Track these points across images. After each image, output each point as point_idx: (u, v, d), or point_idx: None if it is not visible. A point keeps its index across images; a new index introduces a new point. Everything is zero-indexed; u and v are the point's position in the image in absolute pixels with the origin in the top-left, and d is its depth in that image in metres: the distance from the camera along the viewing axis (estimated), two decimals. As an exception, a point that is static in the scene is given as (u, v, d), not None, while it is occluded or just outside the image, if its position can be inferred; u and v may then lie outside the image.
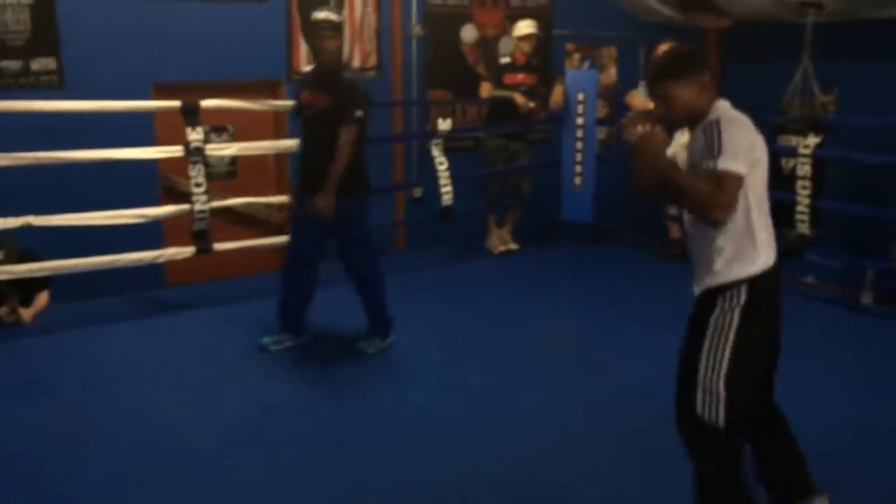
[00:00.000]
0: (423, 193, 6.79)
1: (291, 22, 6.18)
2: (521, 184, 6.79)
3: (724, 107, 2.60)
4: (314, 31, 4.33)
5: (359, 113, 4.29)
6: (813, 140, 5.49)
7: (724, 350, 2.53)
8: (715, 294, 2.57)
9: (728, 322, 2.54)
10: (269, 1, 6.03)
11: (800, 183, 5.53)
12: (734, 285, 2.55)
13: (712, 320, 2.56)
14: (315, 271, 4.56)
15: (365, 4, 6.50)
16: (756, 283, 2.57)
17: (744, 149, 2.48)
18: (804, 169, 5.51)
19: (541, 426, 3.78)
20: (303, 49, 6.26)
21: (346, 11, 6.39)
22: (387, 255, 6.62)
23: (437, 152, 6.26)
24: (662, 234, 6.74)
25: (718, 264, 2.56)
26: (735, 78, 7.41)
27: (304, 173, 4.47)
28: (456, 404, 3.99)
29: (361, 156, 4.42)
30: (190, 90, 5.38)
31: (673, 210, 6.59)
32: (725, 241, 2.55)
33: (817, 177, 5.56)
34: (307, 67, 4.57)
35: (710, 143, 2.46)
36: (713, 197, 2.42)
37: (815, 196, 5.55)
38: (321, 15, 4.33)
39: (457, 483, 3.29)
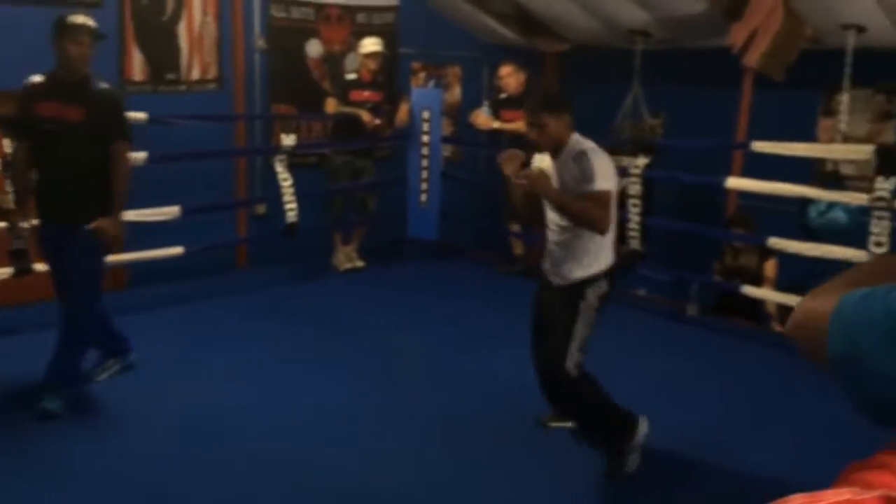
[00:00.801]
0: (266, 210, 6.63)
1: (125, 29, 5.90)
2: (366, 201, 6.77)
3: (581, 139, 3.30)
4: (66, 35, 3.81)
5: (128, 128, 4.03)
6: (643, 161, 5.79)
7: (586, 324, 3.31)
8: (583, 283, 3.31)
9: (592, 304, 3.32)
10: (103, 7, 5.73)
11: (631, 201, 5.81)
12: (598, 276, 3.33)
13: (583, 303, 3.31)
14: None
15: (204, 13, 6.29)
16: (611, 274, 3.38)
17: (609, 172, 3.23)
18: (635, 188, 5.80)
19: (381, 442, 3.75)
20: (137, 58, 5.99)
21: (184, 20, 6.18)
22: (229, 273, 6.45)
23: (280, 168, 6.14)
24: (507, 251, 6.90)
25: (587, 261, 3.31)
26: (571, 100, 7.72)
27: (47, 199, 3.96)
28: (291, 423, 3.90)
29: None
30: (12, 100, 4.99)
31: (516, 227, 6.77)
32: (593, 244, 3.29)
33: (647, 196, 5.86)
34: (35, 77, 3.98)
35: (585, 171, 3.16)
36: (600, 213, 3.15)
37: (645, 214, 5.85)
38: (79, 20, 3.89)
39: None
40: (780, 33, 5.46)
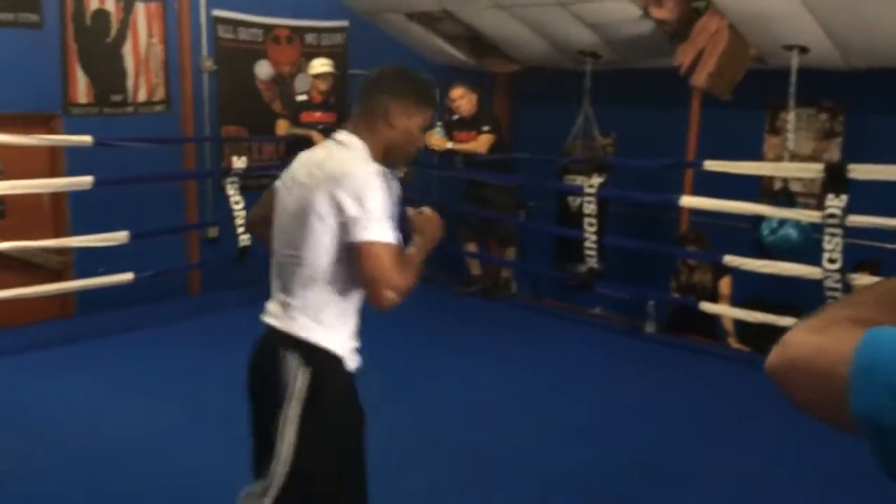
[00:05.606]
0: (218, 234, 6.49)
1: (68, 51, 5.74)
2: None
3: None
4: None
5: None
6: (597, 180, 5.84)
7: None
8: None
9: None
10: (43, 28, 5.57)
11: (587, 220, 5.85)
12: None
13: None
14: None
15: (150, 35, 6.16)
16: None
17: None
18: (590, 207, 5.84)
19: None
20: (81, 80, 5.82)
21: (129, 41, 6.03)
22: (181, 299, 6.28)
23: (232, 191, 6.03)
24: (463, 271, 6.88)
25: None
26: (522, 121, 7.80)
27: None
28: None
29: None
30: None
31: (472, 247, 6.76)
32: None
33: (602, 214, 5.91)
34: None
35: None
36: None
37: (600, 232, 5.89)
38: None
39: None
40: (725, 54, 5.60)
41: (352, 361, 2.32)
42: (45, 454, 3.73)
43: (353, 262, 2.12)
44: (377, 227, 2.06)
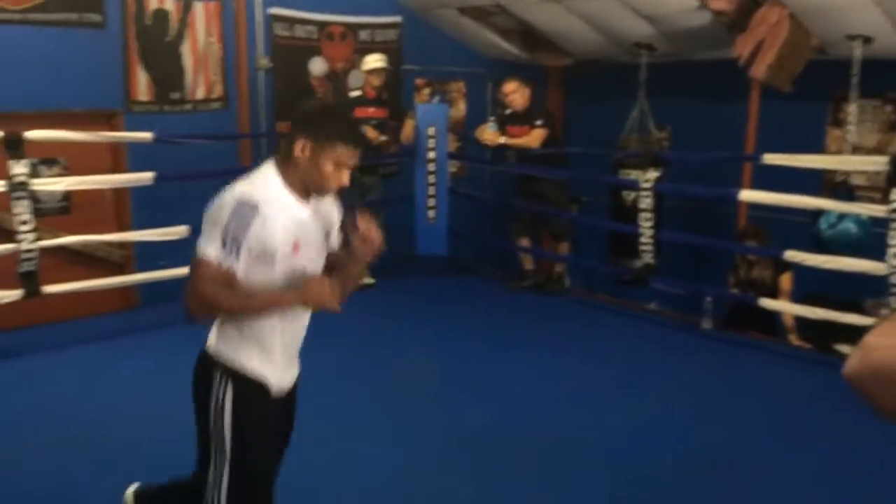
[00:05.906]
0: (273, 228, 6.58)
1: (129, 50, 5.87)
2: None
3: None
4: None
5: None
6: (653, 174, 5.76)
7: None
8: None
9: None
10: (106, 28, 5.71)
11: (642, 215, 5.77)
12: None
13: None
14: None
15: (208, 34, 6.27)
16: None
17: None
18: (646, 202, 5.76)
19: (392, 460, 3.69)
20: (141, 78, 5.95)
21: (188, 40, 6.15)
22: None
23: (287, 186, 6.10)
24: (516, 266, 6.86)
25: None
26: (576, 115, 7.74)
27: None
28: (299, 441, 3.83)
29: None
30: (16, 120, 4.97)
31: (525, 242, 6.74)
32: None
33: (657, 209, 5.82)
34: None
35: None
36: None
37: (656, 227, 5.81)
38: None
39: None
40: (785, 44, 5.47)
41: (276, 385, 2.38)
42: (107, 440, 3.85)
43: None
44: (205, 244, 2.17)
